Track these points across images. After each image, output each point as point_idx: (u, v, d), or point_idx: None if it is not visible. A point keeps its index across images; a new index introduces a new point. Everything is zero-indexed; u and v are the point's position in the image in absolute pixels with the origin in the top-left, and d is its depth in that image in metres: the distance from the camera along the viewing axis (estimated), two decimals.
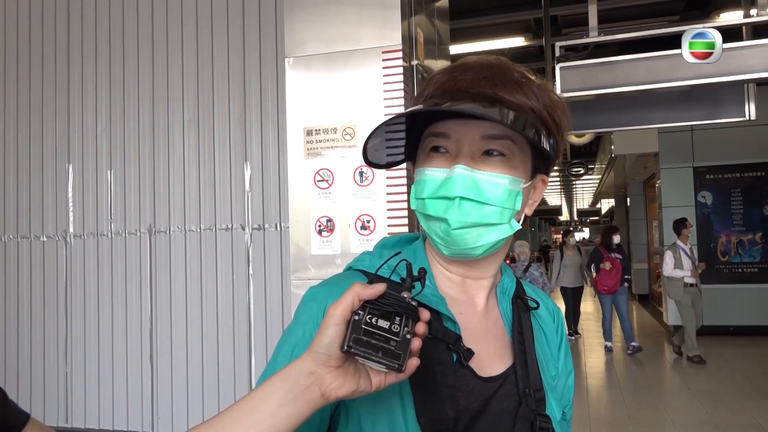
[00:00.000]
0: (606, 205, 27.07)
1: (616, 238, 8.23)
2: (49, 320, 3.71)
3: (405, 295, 0.68)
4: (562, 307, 8.91)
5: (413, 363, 0.66)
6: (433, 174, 0.82)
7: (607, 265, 8.01)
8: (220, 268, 3.39)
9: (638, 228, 13.38)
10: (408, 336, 0.65)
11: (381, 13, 2.56)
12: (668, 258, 7.46)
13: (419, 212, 0.85)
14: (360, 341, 0.64)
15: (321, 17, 2.64)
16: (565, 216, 40.02)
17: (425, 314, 0.68)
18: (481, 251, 0.82)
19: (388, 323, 0.66)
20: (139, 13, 3.59)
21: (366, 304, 0.67)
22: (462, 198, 0.78)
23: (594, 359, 7.82)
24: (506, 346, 0.87)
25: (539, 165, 0.87)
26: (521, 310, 0.91)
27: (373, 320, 0.66)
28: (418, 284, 0.74)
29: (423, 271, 0.73)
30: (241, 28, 3.38)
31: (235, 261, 3.36)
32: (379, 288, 0.67)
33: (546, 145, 0.82)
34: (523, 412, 0.80)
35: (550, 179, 0.93)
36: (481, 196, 0.78)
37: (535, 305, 0.92)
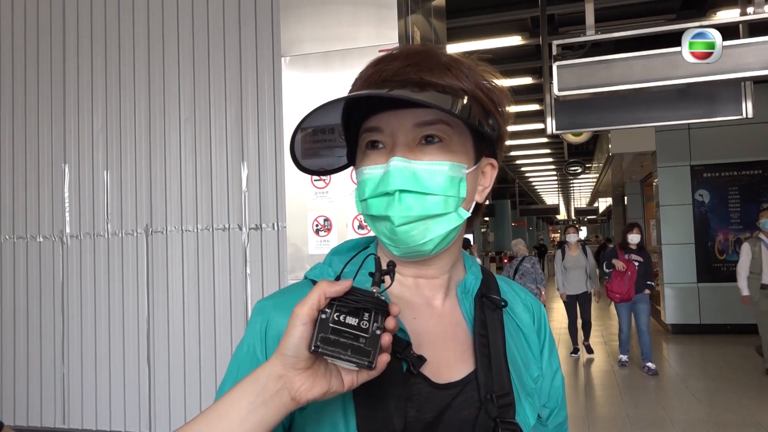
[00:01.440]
0: (603, 204, 27.12)
1: (633, 237, 6.93)
2: (45, 321, 3.70)
3: (373, 290, 0.66)
4: (564, 320, 8.12)
5: (384, 359, 0.64)
6: (371, 172, 0.78)
7: (620, 265, 6.79)
8: (218, 268, 3.38)
9: None
10: (377, 332, 0.63)
11: (377, 12, 2.56)
12: (744, 251, 6.53)
13: (365, 215, 0.81)
14: (328, 340, 0.62)
15: (317, 16, 2.63)
16: (562, 215, 40.10)
17: (395, 308, 0.66)
18: (432, 246, 0.78)
19: (357, 320, 0.64)
20: (135, 12, 3.58)
21: (333, 302, 0.64)
22: (402, 191, 0.74)
23: (593, 358, 7.82)
24: (469, 349, 0.81)
25: (483, 148, 0.83)
26: (489, 309, 0.85)
27: (341, 318, 0.64)
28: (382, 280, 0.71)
29: (392, 265, 0.70)
30: (237, 28, 3.37)
31: (233, 261, 3.35)
32: (346, 284, 0.64)
33: (485, 126, 0.79)
34: (482, 420, 0.75)
35: (547, 178, 0.90)
36: (422, 187, 0.74)
37: (504, 303, 0.86)
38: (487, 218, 22.92)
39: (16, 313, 3.76)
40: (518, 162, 19.67)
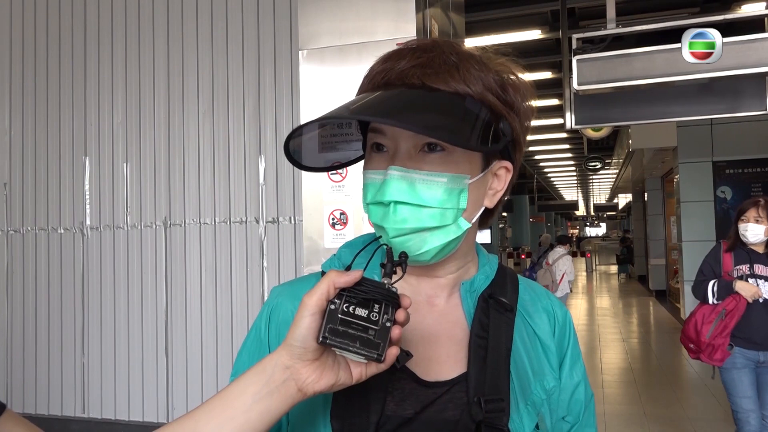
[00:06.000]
0: (623, 200, 26.84)
1: (753, 230, 3.51)
2: (66, 312, 3.75)
3: (384, 281, 0.64)
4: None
5: (393, 352, 0.63)
6: (372, 177, 0.77)
7: (750, 292, 3.22)
8: (235, 260, 3.41)
9: (656, 223, 13.21)
10: (387, 324, 0.62)
11: (395, 5, 2.54)
12: None
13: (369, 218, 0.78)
14: (336, 331, 0.61)
15: (335, 9, 2.63)
16: (581, 211, 39.78)
17: (406, 301, 0.64)
18: (429, 256, 0.75)
19: (366, 311, 0.62)
20: (155, 6, 3.60)
21: (343, 292, 0.63)
22: (397, 202, 0.72)
23: (609, 355, 7.76)
24: (464, 349, 0.79)
25: (494, 153, 0.78)
26: (496, 310, 0.81)
27: (350, 309, 0.62)
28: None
29: (405, 256, 0.68)
30: (255, 21, 3.38)
31: (250, 254, 3.37)
32: (356, 274, 0.63)
33: (491, 134, 0.74)
34: (464, 422, 0.72)
35: (566, 172, 0.85)
36: (418, 198, 0.72)
37: (510, 306, 0.82)
38: (505, 213, 22.80)
39: (37, 304, 3.82)
40: (537, 157, 19.54)
